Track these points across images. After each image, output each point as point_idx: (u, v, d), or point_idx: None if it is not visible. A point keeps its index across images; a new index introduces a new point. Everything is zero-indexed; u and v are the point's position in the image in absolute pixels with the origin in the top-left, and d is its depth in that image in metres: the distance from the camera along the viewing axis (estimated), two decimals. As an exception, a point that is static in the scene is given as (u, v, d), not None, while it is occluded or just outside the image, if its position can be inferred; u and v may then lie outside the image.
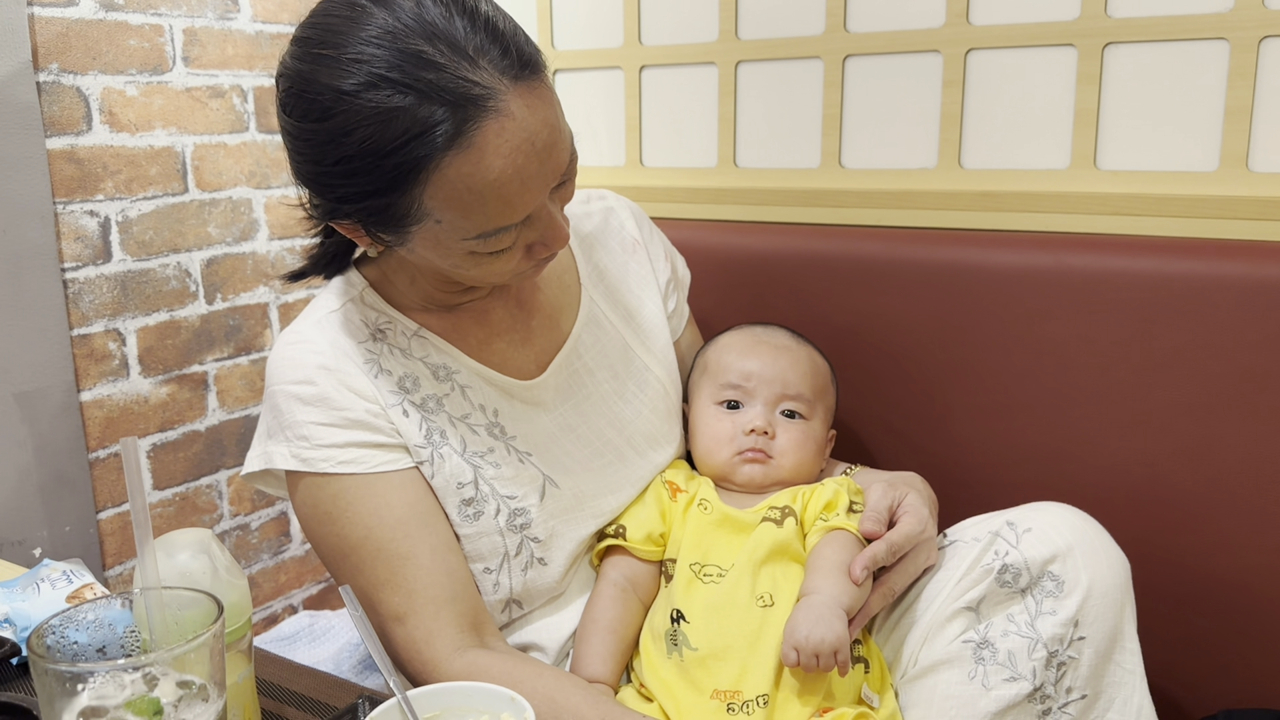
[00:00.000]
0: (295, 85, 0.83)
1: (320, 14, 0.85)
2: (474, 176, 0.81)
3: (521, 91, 0.82)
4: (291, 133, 0.86)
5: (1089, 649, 0.89)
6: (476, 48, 0.81)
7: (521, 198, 0.84)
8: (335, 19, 0.82)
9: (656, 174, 1.56)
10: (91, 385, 1.51)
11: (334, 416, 0.93)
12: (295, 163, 0.88)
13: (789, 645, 0.89)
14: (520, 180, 0.83)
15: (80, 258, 1.48)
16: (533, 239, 0.89)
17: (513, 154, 0.82)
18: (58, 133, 1.43)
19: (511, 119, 0.81)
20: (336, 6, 0.83)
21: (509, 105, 0.81)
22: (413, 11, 0.80)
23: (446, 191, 0.82)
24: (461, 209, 0.83)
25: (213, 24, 1.60)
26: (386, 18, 0.80)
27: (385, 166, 0.81)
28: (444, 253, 0.88)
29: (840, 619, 0.89)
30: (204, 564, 0.76)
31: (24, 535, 1.44)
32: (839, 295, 1.31)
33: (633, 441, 1.07)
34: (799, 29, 1.41)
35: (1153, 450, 1.14)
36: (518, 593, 0.99)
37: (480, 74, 0.80)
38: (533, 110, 0.83)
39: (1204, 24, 1.16)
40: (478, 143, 0.80)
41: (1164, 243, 1.17)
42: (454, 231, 0.85)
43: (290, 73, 0.84)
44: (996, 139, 1.30)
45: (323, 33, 0.82)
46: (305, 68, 0.83)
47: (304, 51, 0.83)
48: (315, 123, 0.82)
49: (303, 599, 1.86)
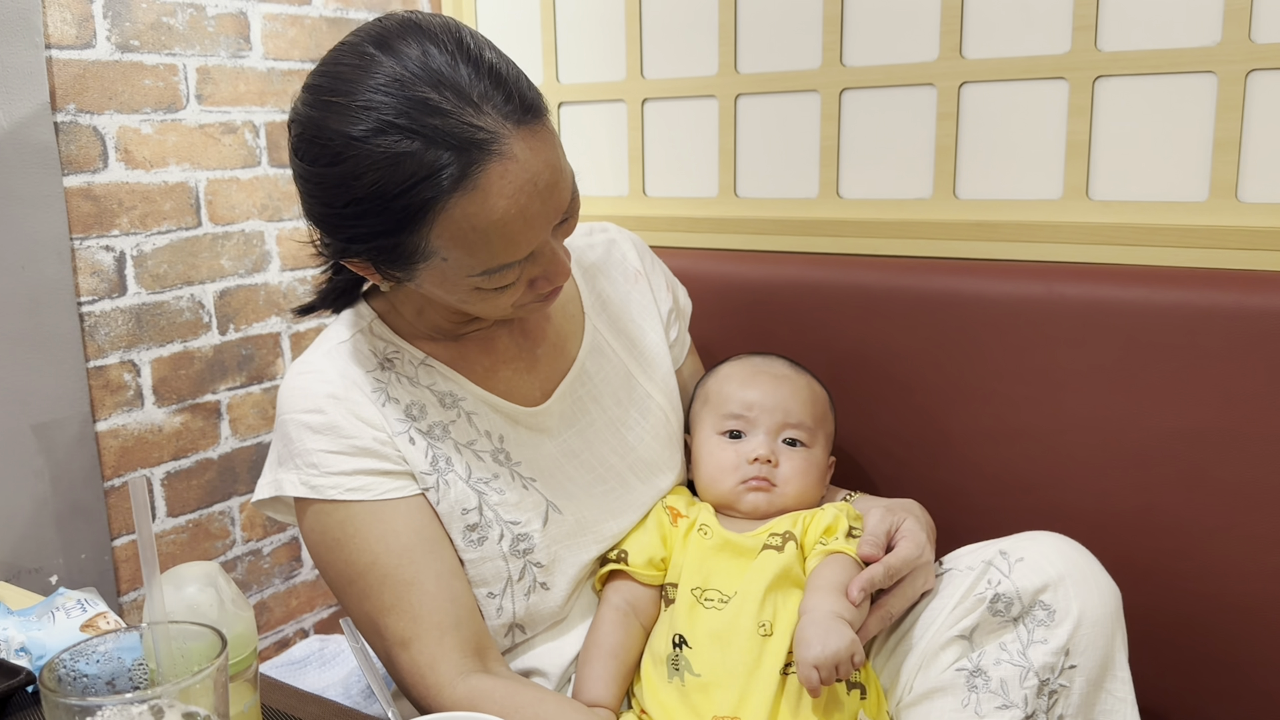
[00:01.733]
0: (307, 131, 0.87)
1: (330, 62, 0.88)
2: (479, 217, 0.84)
3: (524, 135, 0.85)
4: (304, 176, 0.89)
5: (1080, 677, 0.90)
6: (481, 94, 0.83)
7: (525, 236, 0.87)
8: (345, 67, 0.85)
9: (659, 204, 1.59)
10: (107, 415, 1.54)
11: (342, 444, 0.96)
12: (307, 204, 0.91)
13: (806, 666, 0.89)
14: (523, 219, 0.86)
15: (96, 291, 1.51)
16: (535, 274, 0.92)
17: (516, 194, 0.84)
18: (75, 171, 1.47)
19: (515, 161, 0.84)
20: (346, 55, 0.86)
21: (512, 148, 0.84)
22: (419, 60, 0.83)
23: (452, 231, 0.85)
24: (467, 247, 0.86)
25: (225, 62, 1.64)
26: (394, 66, 0.83)
27: (394, 208, 0.84)
28: (450, 288, 0.91)
29: (844, 624, 0.90)
30: (211, 596, 0.79)
31: (41, 563, 1.47)
32: (837, 323, 1.33)
33: (635, 468, 1.09)
34: (797, 63, 1.44)
35: (1146, 477, 1.15)
36: (521, 617, 1.00)
37: (484, 119, 0.83)
38: (535, 153, 0.85)
39: (1192, 58, 1.18)
40: (482, 185, 0.83)
41: (1155, 272, 1.19)
42: (460, 269, 0.88)
43: (302, 118, 0.87)
44: (990, 170, 1.33)
45: (333, 80, 0.85)
46: (316, 114, 0.86)
47: (315, 99, 0.86)
48: (326, 167, 0.85)
49: (314, 623, 1.88)
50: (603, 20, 1.59)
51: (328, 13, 1.77)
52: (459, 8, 1.72)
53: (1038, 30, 1.26)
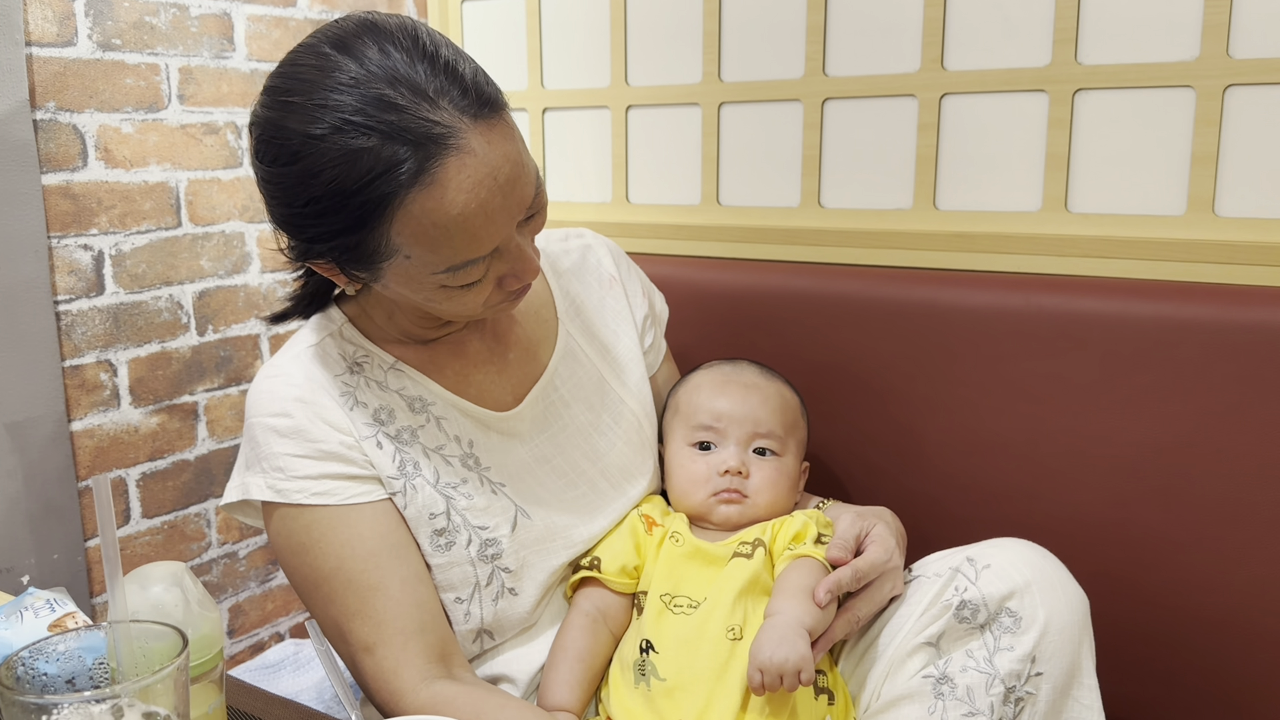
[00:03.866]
0: (266, 132, 0.87)
1: (289, 64, 0.88)
2: (438, 211, 0.84)
3: (482, 129, 0.85)
4: (264, 178, 0.89)
5: (1046, 685, 0.90)
6: (437, 89, 0.84)
7: (486, 230, 0.87)
8: (303, 68, 0.85)
9: (642, 210, 1.59)
10: (82, 415, 1.53)
11: (308, 448, 0.95)
12: (269, 206, 0.91)
13: (754, 666, 0.89)
14: (484, 214, 0.86)
15: (73, 290, 1.50)
16: (503, 271, 0.92)
17: (475, 188, 0.84)
18: (53, 169, 1.46)
19: (472, 155, 0.84)
20: (304, 56, 0.87)
21: (469, 143, 0.84)
22: (377, 59, 0.84)
23: (413, 227, 0.85)
24: (429, 243, 0.86)
25: (208, 62, 1.63)
26: (352, 66, 0.83)
27: (352, 205, 0.84)
28: (416, 287, 0.91)
29: (803, 638, 0.90)
30: (176, 596, 0.78)
31: (12, 563, 1.46)
32: (816, 331, 1.33)
33: (607, 474, 1.09)
34: (780, 72, 1.44)
35: (1121, 489, 1.15)
36: (489, 623, 1.00)
37: (440, 114, 0.83)
38: (493, 146, 0.85)
39: (1171, 72, 1.19)
40: (440, 179, 0.83)
41: (1132, 285, 1.19)
42: (423, 266, 0.88)
43: (261, 120, 0.87)
44: (970, 181, 1.33)
45: (291, 81, 0.86)
46: (275, 115, 0.86)
47: (273, 100, 0.86)
48: (284, 166, 0.85)
49: (289, 627, 1.87)
50: (587, 27, 1.60)
51: (312, 14, 1.77)
52: (444, 13, 1.72)
53: (1019, 43, 1.27)
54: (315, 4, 1.77)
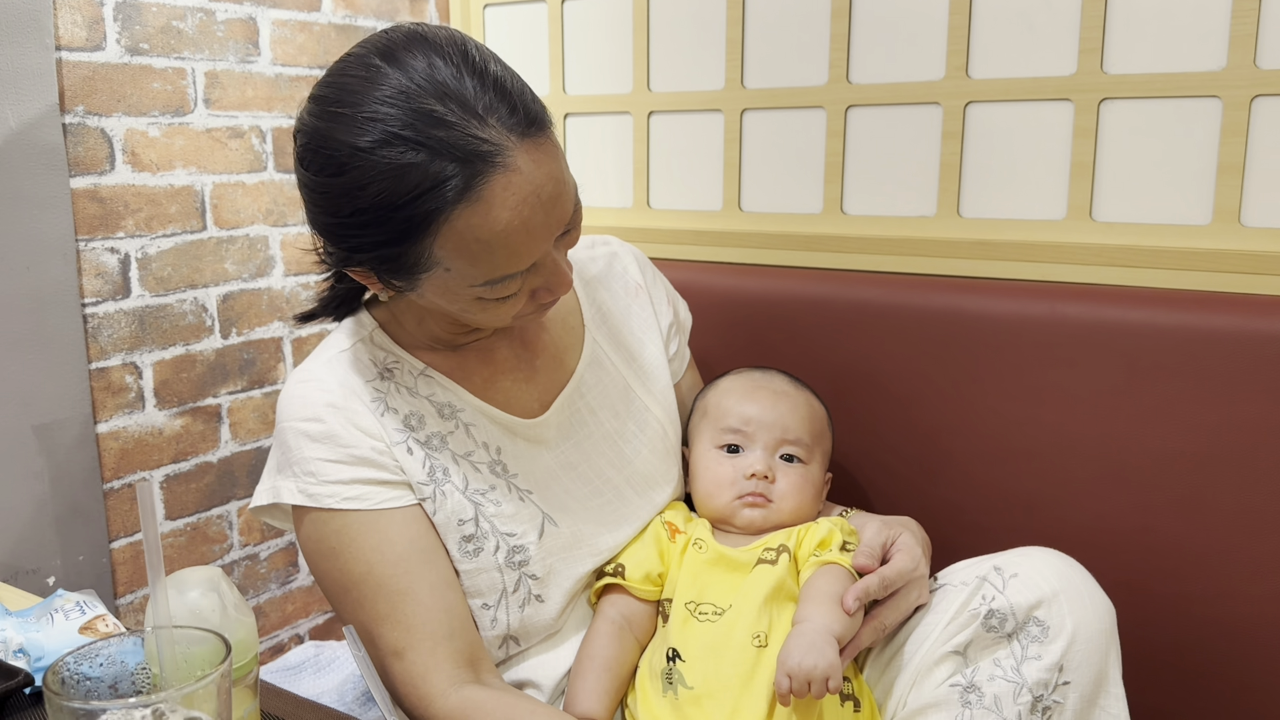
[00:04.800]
0: (312, 141, 0.87)
1: (337, 73, 0.88)
2: (482, 228, 0.85)
3: (528, 147, 0.86)
4: (308, 185, 0.89)
5: (1074, 694, 0.90)
6: (485, 106, 0.84)
7: (527, 247, 0.88)
8: (351, 78, 0.86)
9: (663, 216, 1.60)
10: (108, 417, 1.54)
11: (340, 453, 0.96)
12: (311, 213, 0.91)
13: (782, 673, 0.90)
14: (526, 231, 0.86)
15: (100, 293, 1.52)
16: (538, 285, 0.93)
17: (519, 206, 0.85)
18: (81, 172, 1.47)
19: (518, 174, 0.85)
20: (352, 66, 0.87)
21: (516, 161, 0.84)
22: (425, 72, 0.84)
23: (455, 242, 0.86)
24: (470, 258, 0.87)
25: (234, 67, 1.65)
26: (400, 78, 0.84)
27: (398, 219, 0.85)
28: (452, 298, 0.92)
29: (832, 646, 0.90)
30: (213, 601, 0.79)
31: (38, 564, 1.47)
32: (838, 339, 1.33)
33: (632, 481, 1.09)
34: (803, 79, 1.44)
35: (1145, 499, 1.15)
36: (515, 629, 1.00)
37: (489, 131, 0.84)
38: (538, 165, 0.86)
39: (1197, 82, 1.19)
40: (486, 196, 0.84)
41: (1157, 294, 1.19)
42: (462, 279, 0.89)
43: (308, 129, 0.88)
44: (994, 189, 1.33)
45: (339, 91, 0.86)
46: (322, 125, 0.86)
47: (321, 109, 0.87)
48: (331, 177, 0.86)
49: (309, 629, 1.88)
50: (610, 33, 1.60)
51: (336, 20, 1.78)
52: (466, 18, 1.73)
53: (1044, 52, 1.27)
54: (339, 9, 1.78)
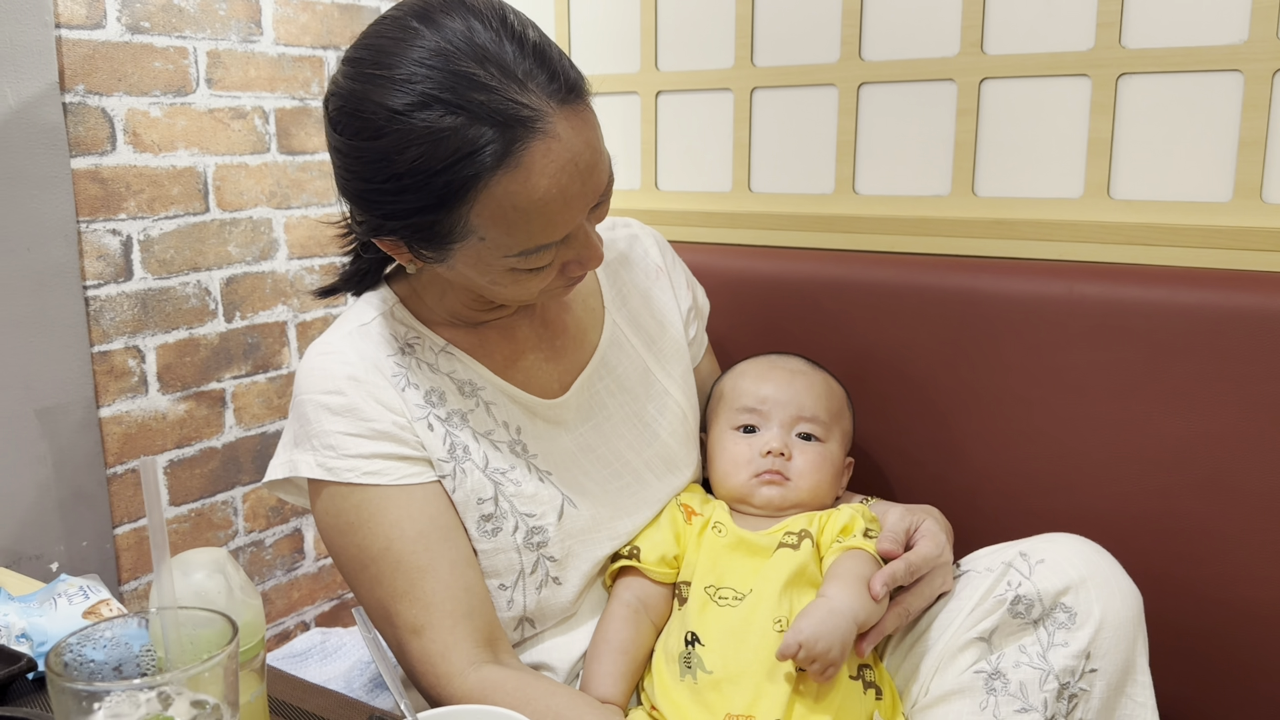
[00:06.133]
0: (348, 104, 0.85)
1: (372, 35, 0.86)
2: (520, 195, 0.83)
3: (567, 114, 0.84)
4: (342, 150, 0.87)
5: (1101, 681, 0.89)
6: (525, 71, 0.83)
7: (563, 216, 0.86)
8: (387, 40, 0.84)
9: (672, 198, 1.57)
10: (111, 402, 1.52)
11: (361, 427, 0.94)
12: (343, 179, 0.89)
13: (793, 637, 0.88)
14: (564, 199, 0.85)
15: (102, 276, 1.50)
16: (569, 257, 0.91)
17: (558, 174, 0.84)
18: (82, 153, 1.45)
19: (558, 140, 0.83)
20: (387, 28, 0.85)
21: (555, 127, 0.83)
22: (463, 34, 0.82)
23: (493, 209, 0.84)
24: (506, 226, 0.85)
25: (236, 46, 1.62)
26: (437, 39, 0.82)
27: (435, 185, 0.83)
28: (484, 269, 0.90)
29: (851, 631, 0.89)
30: (219, 583, 0.77)
31: (42, 550, 1.45)
32: (852, 320, 1.31)
33: (650, 464, 1.08)
34: (814, 56, 1.42)
35: (1166, 480, 1.14)
36: (531, 611, 0.99)
37: (529, 96, 0.82)
38: (577, 132, 0.85)
39: (1218, 56, 1.17)
40: (525, 163, 0.82)
41: (1177, 273, 1.17)
42: (496, 249, 0.87)
43: (343, 91, 0.86)
44: (1010, 167, 1.31)
45: (375, 53, 0.84)
46: (358, 87, 0.84)
47: (356, 71, 0.85)
48: (367, 141, 0.84)
49: (315, 615, 1.87)
50: (617, 11, 1.58)
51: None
52: (472, -4, 1.70)
53: (1061, 26, 1.25)
54: (342, -12, 1.76)
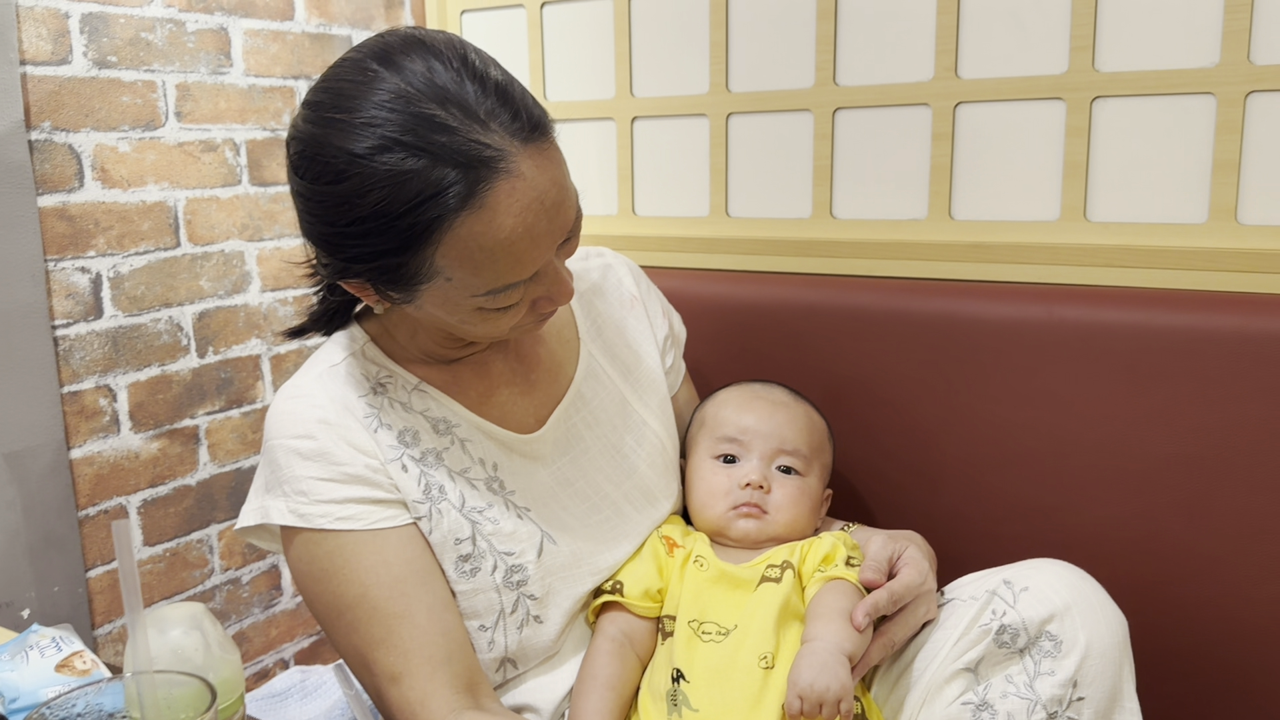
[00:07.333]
0: (308, 148, 0.84)
1: (331, 78, 0.85)
2: (486, 235, 0.82)
3: (531, 152, 0.83)
4: (303, 194, 0.86)
5: (1088, 709, 0.88)
6: (488, 111, 0.82)
7: (531, 254, 0.85)
8: (346, 83, 0.83)
9: (649, 223, 1.57)
10: (82, 442, 1.50)
11: (333, 472, 0.93)
12: (307, 223, 0.88)
13: (794, 693, 0.88)
14: (530, 238, 0.84)
15: (71, 314, 1.47)
16: (539, 294, 0.90)
17: (523, 213, 0.83)
18: (49, 190, 1.43)
19: (522, 179, 0.82)
20: (348, 70, 0.84)
21: (519, 166, 0.82)
22: (424, 76, 0.81)
23: (458, 250, 0.83)
24: (472, 267, 0.84)
25: (205, 79, 1.61)
26: (398, 82, 0.81)
27: (399, 227, 0.82)
28: (452, 309, 0.89)
29: (844, 666, 0.89)
30: (196, 640, 0.75)
31: (12, 597, 1.42)
32: (831, 345, 1.31)
33: (630, 497, 1.07)
34: (789, 82, 1.42)
35: (1148, 503, 1.14)
36: (513, 651, 0.98)
37: (492, 136, 0.81)
38: (542, 170, 0.84)
39: (1191, 79, 1.17)
40: (489, 203, 0.81)
41: (1154, 294, 1.18)
42: (464, 289, 0.86)
43: (303, 135, 0.85)
44: (986, 191, 1.31)
45: (335, 96, 0.83)
46: (318, 131, 0.83)
47: (316, 115, 0.84)
48: (329, 185, 0.83)
49: (294, 653, 1.84)
50: (592, 37, 1.57)
51: (310, 29, 1.74)
52: (443, 24, 1.69)
53: (1035, 50, 1.25)
54: (313, 17, 1.75)
